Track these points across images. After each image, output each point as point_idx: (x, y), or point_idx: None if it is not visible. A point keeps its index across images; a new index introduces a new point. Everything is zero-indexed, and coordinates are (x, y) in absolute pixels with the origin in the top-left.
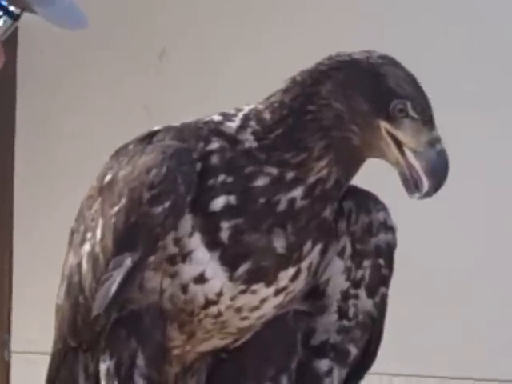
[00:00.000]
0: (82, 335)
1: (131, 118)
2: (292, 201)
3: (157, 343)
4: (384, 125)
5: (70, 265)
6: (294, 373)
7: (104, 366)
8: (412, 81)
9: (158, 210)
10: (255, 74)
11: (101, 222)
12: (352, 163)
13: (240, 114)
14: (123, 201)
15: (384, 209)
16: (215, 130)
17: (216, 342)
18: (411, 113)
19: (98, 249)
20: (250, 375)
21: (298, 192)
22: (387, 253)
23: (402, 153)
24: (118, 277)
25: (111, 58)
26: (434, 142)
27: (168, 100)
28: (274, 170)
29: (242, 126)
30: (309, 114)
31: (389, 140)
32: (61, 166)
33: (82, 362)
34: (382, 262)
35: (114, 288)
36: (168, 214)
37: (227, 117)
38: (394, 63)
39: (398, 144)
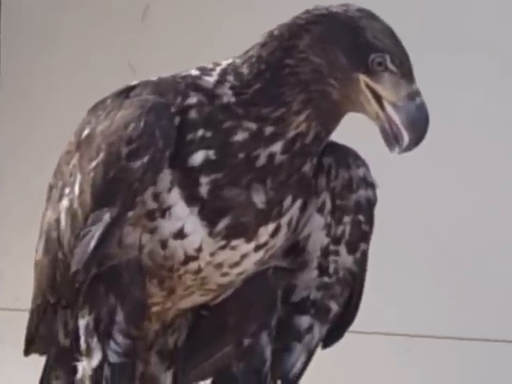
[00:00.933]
0: (60, 291)
1: (116, 75)
2: (271, 156)
3: (136, 299)
4: (363, 78)
5: (48, 221)
6: (275, 329)
7: (83, 322)
8: (390, 34)
9: (137, 164)
10: (239, 30)
11: (79, 177)
12: (331, 118)
13: (218, 69)
14: (101, 156)
15: (364, 164)
16: (193, 84)
17: (196, 299)
18: (390, 66)
19: (76, 204)
20: (231, 331)
21: (277, 147)
22: (367, 209)
23: (382, 107)
24: (96, 232)
25: (95, 16)
26: (414, 95)
27: (152, 57)
28: (253, 125)
29: (220, 81)
30: (287, 68)
31: (368, 94)
32: (45, 125)
33: (62, 319)
34: (362, 218)
35: (92, 243)
36: (146, 168)
37: (205, 71)
38: (372, 16)
39: (378, 98)
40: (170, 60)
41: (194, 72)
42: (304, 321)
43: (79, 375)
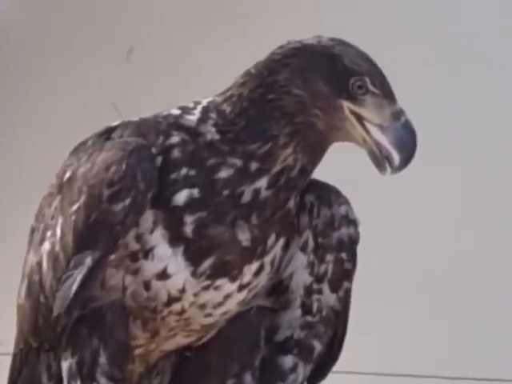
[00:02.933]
0: (43, 335)
1: (100, 115)
2: (256, 191)
3: (119, 341)
4: (346, 104)
5: (30, 264)
6: (258, 369)
7: (66, 365)
8: (366, 57)
9: (118, 207)
10: (221, 71)
11: (60, 220)
12: (317, 149)
13: (199, 107)
14: (82, 198)
15: (346, 202)
16: (175, 123)
17: (180, 340)
18: (371, 88)
19: (58, 247)
20: (214, 372)
21: (262, 182)
22: (350, 247)
23: (367, 131)
24: (78, 275)
25: (79, 56)
26: (398, 114)
27: (137, 97)
28: (238, 162)
29: (202, 119)
30: (270, 103)
31: (353, 119)
32: (30, 166)
33: (45, 362)
34: (344, 256)
35: (74, 287)
36: (128, 211)
37: (186, 110)
38: (345, 43)
39: (362, 123)
40: (155, 99)
41: (175, 111)
42: (288, 361)
43: None
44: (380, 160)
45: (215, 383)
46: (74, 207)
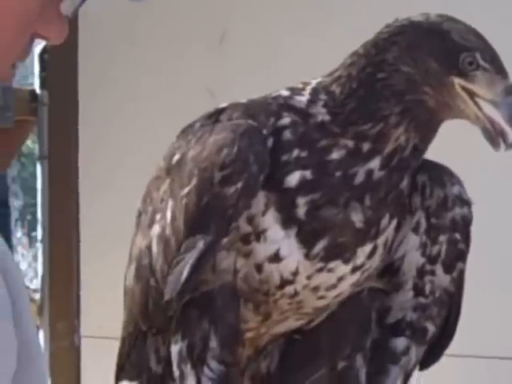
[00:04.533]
0: (153, 319)
1: (194, 100)
2: (369, 172)
3: (230, 325)
4: (457, 80)
5: (138, 247)
6: (369, 352)
7: (176, 348)
8: (475, 33)
9: (231, 190)
10: (317, 55)
11: (170, 203)
12: (429, 127)
13: (308, 88)
14: (194, 181)
15: (459, 182)
16: (285, 104)
17: (291, 323)
18: (482, 63)
19: (168, 231)
20: (325, 354)
21: (375, 163)
22: (463, 227)
23: (479, 107)
24: (190, 259)
25: (172, 40)
26: (511, 89)
27: (230, 83)
28: (350, 143)
29: (313, 100)
30: (379, 82)
31: (465, 96)
32: (122, 152)
33: (153, 346)
34: (458, 236)
35: (186, 271)
36: (240, 194)
37: (295, 91)
38: (453, 19)
39: (473, 99)
40: (248, 84)
41: (285, 92)
42: (400, 343)
43: None
44: (494, 136)
45: (326, 365)
46: (185, 190)
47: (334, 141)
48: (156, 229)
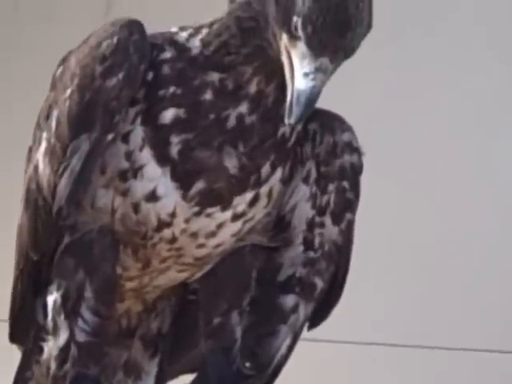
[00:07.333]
0: (43, 242)
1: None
2: (240, 117)
3: (106, 274)
4: (284, 38)
5: (28, 176)
6: (255, 312)
7: (51, 298)
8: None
9: (112, 82)
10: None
11: (55, 112)
12: (278, 73)
13: (196, 25)
14: (75, 81)
15: (350, 129)
16: (169, 39)
17: (174, 275)
18: (300, 32)
19: (53, 140)
20: (202, 310)
21: (243, 107)
22: (352, 175)
23: (292, 74)
24: (77, 162)
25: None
26: (313, 72)
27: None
28: (215, 76)
29: (193, 34)
30: (243, 22)
31: (285, 56)
32: None
33: (42, 298)
34: (346, 185)
35: (74, 175)
36: (122, 85)
37: (184, 28)
38: None
39: (291, 64)
40: None
41: (174, 28)
42: (289, 300)
43: (45, 356)
44: (288, 109)
45: (202, 322)
46: (68, 92)
47: (204, 75)
48: (42, 146)
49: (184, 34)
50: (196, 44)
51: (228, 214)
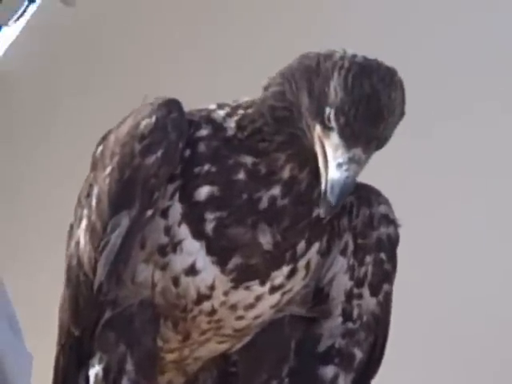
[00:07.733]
0: (84, 317)
1: None
2: (273, 199)
3: (146, 347)
4: (318, 128)
5: (69, 253)
6: (286, 380)
7: (93, 371)
8: (354, 90)
9: (151, 159)
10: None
11: (95, 190)
12: (311, 160)
13: (233, 104)
14: (115, 159)
15: (386, 202)
16: (206, 116)
17: (214, 347)
18: (332, 123)
19: (94, 217)
20: (243, 380)
21: (276, 190)
22: (389, 247)
23: (326, 165)
24: (117, 239)
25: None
26: (346, 163)
27: None
28: (249, 159)
29: (230, 114)
30: (277, 111)
31: (319, 146)
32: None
33: (84, 372)
34: (383, 256)
35: (114, 251)
36: (161, 163)
37: (222, 105)
38: (361, 70)
39: (325, 154)
40: None
41: (212, 105)
42: (328, 371)
43: None
44: (322, 199)
45: None
46: (108, 170)
47: (238, 156)
48: (83, 223)
49: (221, 113)
50: (231, 125)
51: (266, 286)
